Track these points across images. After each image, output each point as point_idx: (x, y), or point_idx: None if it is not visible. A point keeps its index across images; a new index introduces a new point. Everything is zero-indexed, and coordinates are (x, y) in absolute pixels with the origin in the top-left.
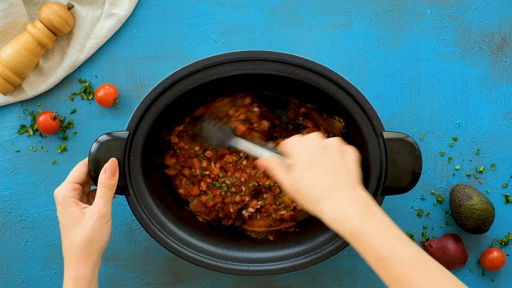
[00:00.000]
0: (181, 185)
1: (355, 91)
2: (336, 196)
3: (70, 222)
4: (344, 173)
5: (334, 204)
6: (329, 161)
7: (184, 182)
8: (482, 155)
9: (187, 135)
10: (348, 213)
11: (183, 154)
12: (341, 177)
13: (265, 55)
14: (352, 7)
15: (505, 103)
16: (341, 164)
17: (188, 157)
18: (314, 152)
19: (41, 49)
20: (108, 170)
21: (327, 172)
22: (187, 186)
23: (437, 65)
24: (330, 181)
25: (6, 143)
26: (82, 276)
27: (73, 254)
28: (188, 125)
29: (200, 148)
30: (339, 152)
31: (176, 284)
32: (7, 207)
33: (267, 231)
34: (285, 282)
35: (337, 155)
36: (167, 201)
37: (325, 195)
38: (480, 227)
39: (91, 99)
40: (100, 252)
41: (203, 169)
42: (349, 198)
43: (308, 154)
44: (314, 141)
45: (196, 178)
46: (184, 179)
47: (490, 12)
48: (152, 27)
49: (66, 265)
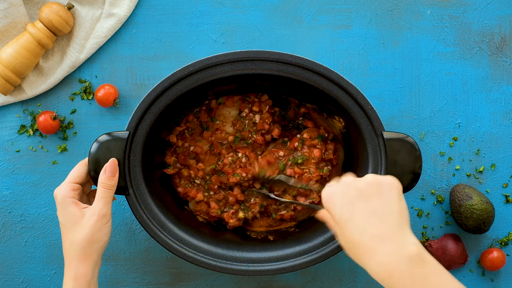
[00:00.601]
0: (180, 184)
1: (355, 91)
2: (380, 250)
3: (70, 222)
4: (387, 216)
5: (380, 261)
6: (366, 207)
7: (183, 181)
8: (482, 155)
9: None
10: (398, 272)
11: (183, 152)
12: (382, 224)
13: (265, 55)
14: (352, 7)
15: (505, 103)
16: (381, 206)
17: (188, 156)
18: (347, 201)
19: (41, 49)
20: (108, 170)
21: (366, 222)
22: (186, 185)
23: (437, 65)
24: (371, 231)
25: (6, 143)
26: (81, 275)
27: (73, 254)
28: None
29: (196, 147)
30: (377, 189)
31: (176, 284)
32: (7, 207)
33: (267, 231)
34: (285, 282)
35: (375, 197)
36: (167, 200)
37: (367, 250)
38: (480, 227)
39: (91, 99)
40: (100, 252)
41: (206, 177)
42: (396, 252)
43: (341, 205)
44: (346, 188)
45: (195, 183)
46: (183, 178)
47: (490, 12)
48: (152, 27)
49: (66, 265)
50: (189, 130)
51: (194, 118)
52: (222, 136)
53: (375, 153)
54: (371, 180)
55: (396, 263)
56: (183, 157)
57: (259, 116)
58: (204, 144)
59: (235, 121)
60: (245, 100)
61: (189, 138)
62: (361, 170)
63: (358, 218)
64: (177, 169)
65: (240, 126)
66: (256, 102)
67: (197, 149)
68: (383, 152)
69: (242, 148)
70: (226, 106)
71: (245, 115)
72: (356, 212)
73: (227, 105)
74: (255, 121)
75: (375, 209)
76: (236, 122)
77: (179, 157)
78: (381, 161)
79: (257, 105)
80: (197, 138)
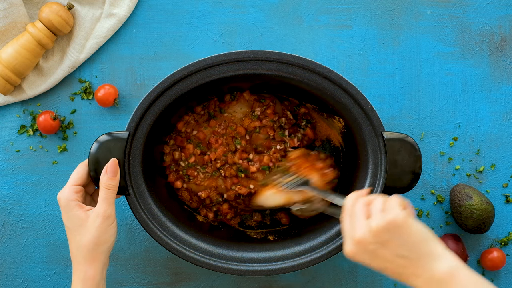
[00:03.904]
0: (169, 169)
1: (355, 91)
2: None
3: (75, 225)
4: (409, 252)
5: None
6: (390, 252)
7: (173, 166)
8: (482, 155)
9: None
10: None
11: (185, 135)
12: (409, 261)
13: (265, 55)
14: (352, 7)
15: (505, 103)
16: (401, 246)
17: (187, 139)
18: (372, 257)
19: (41, 49)
20: (109, 171)
21: (396, 266)
22: (171, 168)
23: (437, 65)
24: (404, 270)
25: (6, 143)
26: (90, 277)
27: (81, 257)
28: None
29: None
30: (388, 235)
31: (176, 284)
32: (7, 207)
33: (267, 231)
34: (285, 282)
35: (391, 242)
36: (161, 192)
37: (409, 274)
38: (480, 227)
39: (91, 99)
40: (107, 253)
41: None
42: (426, 281)
43: (369, 263)
44: (360, 246)
45: (180, 166)
46: (173, 164)
47: (490, 12)
48: (152, 27)
49: (74, 267)
50: (195, 118)
51: (202, 110)
52: (233, 131)
53: (375, 153)
54: (377, 227)
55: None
56: (180, 139)
57: (284, 119)
58: (209, 131)
59: (245, 119)
60: (260, 101)
61: (194, 124)
62: (361, 170)
63: (389, 267)
64: (171, 154)
65: (250, 126)
66: (271, 105)
67: (199, 135)
68: (383, 152)
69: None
70: (239, 102)
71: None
72: (385, 261)
73: (241, 102)
74: (281, 123)
75: (397, 251)
76: (245, 121)
77: (177, 139)
78: (381, 161)
79: (271, 108)
80: (203, 124)
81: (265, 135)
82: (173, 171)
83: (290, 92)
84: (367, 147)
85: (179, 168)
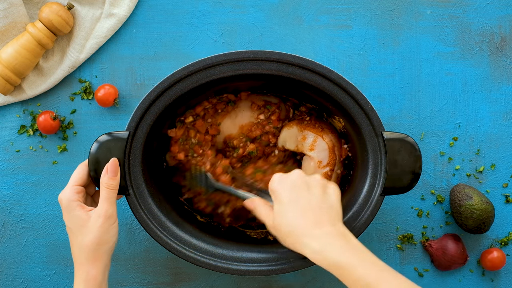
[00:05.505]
0: (177, 144)
1: (355, 91)
2: (318, 231)
3: (77, 226)
4: (326, 209)
5: (316, 238)
6: (311, 198)
7: (180, 146)
8: (482, 155)
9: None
10: (331, 246)
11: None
12: (322, 214)
13: (265, 55)
14: (352, 7)
15: (505, 103)
16: (322, 201)
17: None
18: (295, 189)
19: (41, 49)
20: (109, 171)
21: (309, 209)
22: (181, 144)
23: (437, 65)
24: (311, 217)
25: (6, 143)
26: (92, 278)
27: (83, 258)
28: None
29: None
30: (321, 188)
31: (176, 284)
32: (7, 207)
33: (267, 231)
34: (285, 282)
35: (319, 192)
36: (161, 192)
37: (307, 231)
38: (480, 227)
39: (91, 99)
40: (109, 254)
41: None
42: (330, 233)
43: (290, 191)
44: (296, 178)
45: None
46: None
47: (490, 12)
48: (152, 27)
49: (76, 268)
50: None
51: (210, 104)
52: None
53: (375, 153)
54: (316, 177)
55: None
56: (201, 122)
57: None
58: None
59: (248, 123)
60: (266, 107)
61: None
62: (361, 170)
63: (302, 203)
64: (182, 131)
65: (251, 134)
66: (277, 112)
67: (214, 121)
68: (383, 152)
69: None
70: (244, 103)
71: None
72: (301, 197)
73: (245, 104)
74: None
75: (316, 200)
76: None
77: (196, 122)
78: (381, 161)
79: (276, 115)
80: (215, 116)
81: (266, 141)
82: (180, 144)
83: (290, 92)
84: (367, 147)
85: (186, 143)
